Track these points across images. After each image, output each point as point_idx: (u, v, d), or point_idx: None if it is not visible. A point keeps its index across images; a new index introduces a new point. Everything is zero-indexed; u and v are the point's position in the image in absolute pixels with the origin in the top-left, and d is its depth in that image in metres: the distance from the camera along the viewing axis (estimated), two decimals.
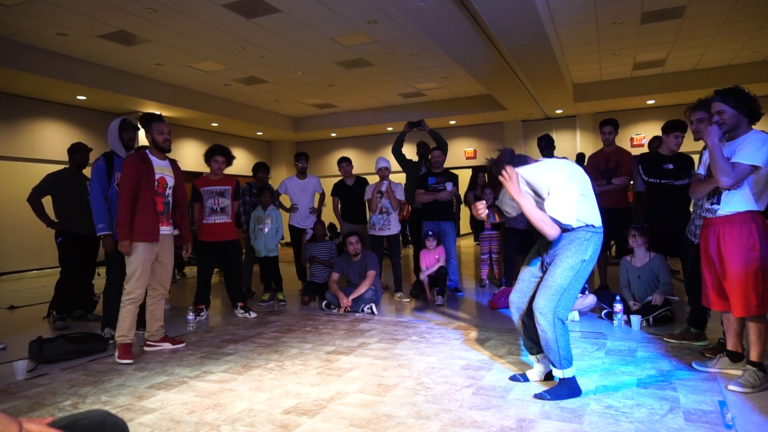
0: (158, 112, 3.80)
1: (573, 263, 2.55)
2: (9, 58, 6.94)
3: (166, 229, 3.73)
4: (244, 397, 2.74)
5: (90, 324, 4.69)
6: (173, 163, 3.88)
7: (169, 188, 3.77)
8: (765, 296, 2.58)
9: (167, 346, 3.76)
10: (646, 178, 4.31)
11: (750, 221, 2.61)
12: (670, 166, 4.25)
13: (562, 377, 2.57)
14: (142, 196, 3.54)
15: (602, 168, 5.15)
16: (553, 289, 2.53)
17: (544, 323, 2.53)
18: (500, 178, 2.53)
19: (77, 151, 4.92)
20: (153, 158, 3.69)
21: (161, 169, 3.73)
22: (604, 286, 5.23)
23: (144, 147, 5.24)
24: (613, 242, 5.49)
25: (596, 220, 2.63)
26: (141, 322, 3.89)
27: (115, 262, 4.07)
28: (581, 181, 2.60)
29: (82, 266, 4.84)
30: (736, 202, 2.64)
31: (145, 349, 3.73)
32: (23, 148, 8.61)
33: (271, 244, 5.40)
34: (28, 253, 8.70)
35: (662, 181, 4.24)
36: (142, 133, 4.37)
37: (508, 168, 2.52)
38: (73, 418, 1.18)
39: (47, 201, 4.65)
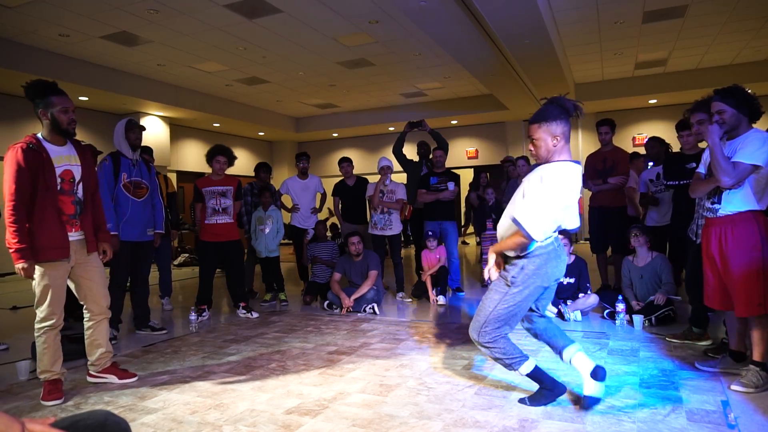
0: (54, 81, 2.87)
1: (500, 288, 2.40)
2: (11, 59, 6.96)
3: (76, 235, 2.88)
4: (246, 397, 2.74)
5: None
6: (78, 146, 2.98)
7: (78, 181, 2.91)
8: (767, 296, 2.57)
9: (113, 379, 3.05)
10: (665, 182, 4.18)
11: (752, 221, 2.60)
12: (693, 165, 3.90)
13: (522, 375, 2.47)
14: (40, 199, 2.70)
15: (599, 168, 5.16)
16: (480, 314, 2.43)
17: (478, 347, 2.47)
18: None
19: None
20: (49, 146, 2.81)
21: (64, 158, 2.85)
22: (605, 285, 5.23)
23: (146, 148, 5.26)
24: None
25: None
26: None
27: (118, 262, 4.07)
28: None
29: None
30: (737, 202, 2.63)
31: (89, 379, 3.07)
32: None
33: (271, 245, 5.40)
34: None
35: (681, 182, 4.00)
36: (146, 134, 4.37)
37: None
38: (75, 418, 1.19)
39: None
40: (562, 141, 2.28)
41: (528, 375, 2.44)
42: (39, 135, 2.84)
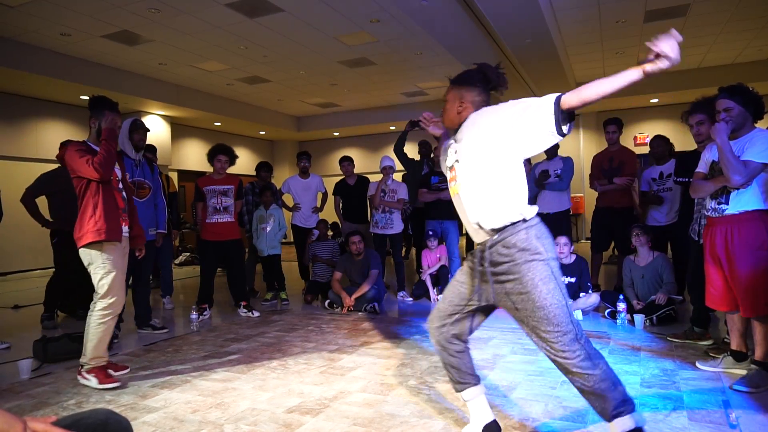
0: (116, 102, 3.21)
1: (541, 274, 1.78)
2: (13, 59, 6.96)
3: (125, 230, 3.18)
4: (247, 396, 2.74)
5: None
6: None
7: (120, 181, 3.24)
8: None
9: (93, 382, 3.02)
10: (676, 178, 4.13)
11: (758, 220, 2.59)
12: None
13: (631, 427, 1.71)
14: (103, 190, 3.01)
15: (605, 167, 5.14)
16: (551, 320, 1.74)
17: (577, 369, 1.73)
18: None
19: None
20: (96, 148, 3.11)
21: None
22: (595, 285, 5.20)
23: (150, 147, 5.25)
24: (613, 242, 5.47)
25: (527, 210, 1.85)
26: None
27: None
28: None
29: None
30: (745, 201, 2.61)
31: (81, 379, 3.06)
32: (27, 148, 8.64)
33: (272, 241, 5.39)
34: (32, 252, 8.73)
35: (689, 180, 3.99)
36: (150, 134, 4.38)
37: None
38: (76, 417, 1.19)
39: (42, 201, 4.62)
40: (470, 108, 2.01)
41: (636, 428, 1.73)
42: (86, 141, 3.14)
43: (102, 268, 2.96)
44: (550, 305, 1.75)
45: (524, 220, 1.84)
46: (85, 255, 2.98)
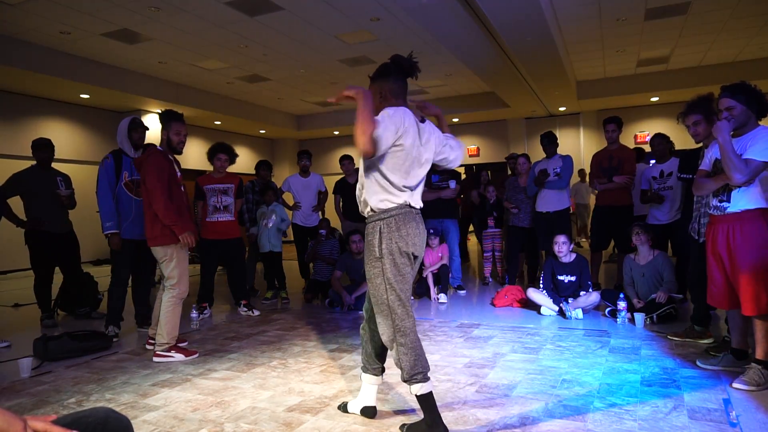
0: (181, 113, 3.64)
1: (373, 270, 2.16)
2: (13, 57, 6.96)
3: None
4: (247, 394, 2.74)
5: (94, 322, 4.70)
6: (177, 162, 3.76)
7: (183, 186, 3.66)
8: None
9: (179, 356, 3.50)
10: (680, 175, 4.10)
11: (760, 218, 2.58)
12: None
13: (412, 394, 2.15)
14: (176, 193, 3.45)
15: (605, 166, 5.14)
16: (382, 309, 2.16)
17: (395, 348, 2.18)
18: None
19: (41, 149, 4.69)
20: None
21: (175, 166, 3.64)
22: (596, 284, 5.20)
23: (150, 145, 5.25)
24: (612, 240, 5.47)
25: (384, 201, 2.16)
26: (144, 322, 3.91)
27: (120, 260, 4.08)
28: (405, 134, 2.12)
29: (65, 265, 4.81)
30: (747, 200, 2.60)
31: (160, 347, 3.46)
32: (27, 147, 8.55)
33: (273, 239, 5.38)
34: None
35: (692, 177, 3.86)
36: (147, 132, 4.38)
37: None
38: (77, 415, 1.18)
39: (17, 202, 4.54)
40: (390, 98, 2.23)
41: (418, 397, 2.14)
42: (159, 147, 3.50)
43: (173, 263, 3.44)
44: (379, 297, 2.17)
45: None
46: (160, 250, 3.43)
